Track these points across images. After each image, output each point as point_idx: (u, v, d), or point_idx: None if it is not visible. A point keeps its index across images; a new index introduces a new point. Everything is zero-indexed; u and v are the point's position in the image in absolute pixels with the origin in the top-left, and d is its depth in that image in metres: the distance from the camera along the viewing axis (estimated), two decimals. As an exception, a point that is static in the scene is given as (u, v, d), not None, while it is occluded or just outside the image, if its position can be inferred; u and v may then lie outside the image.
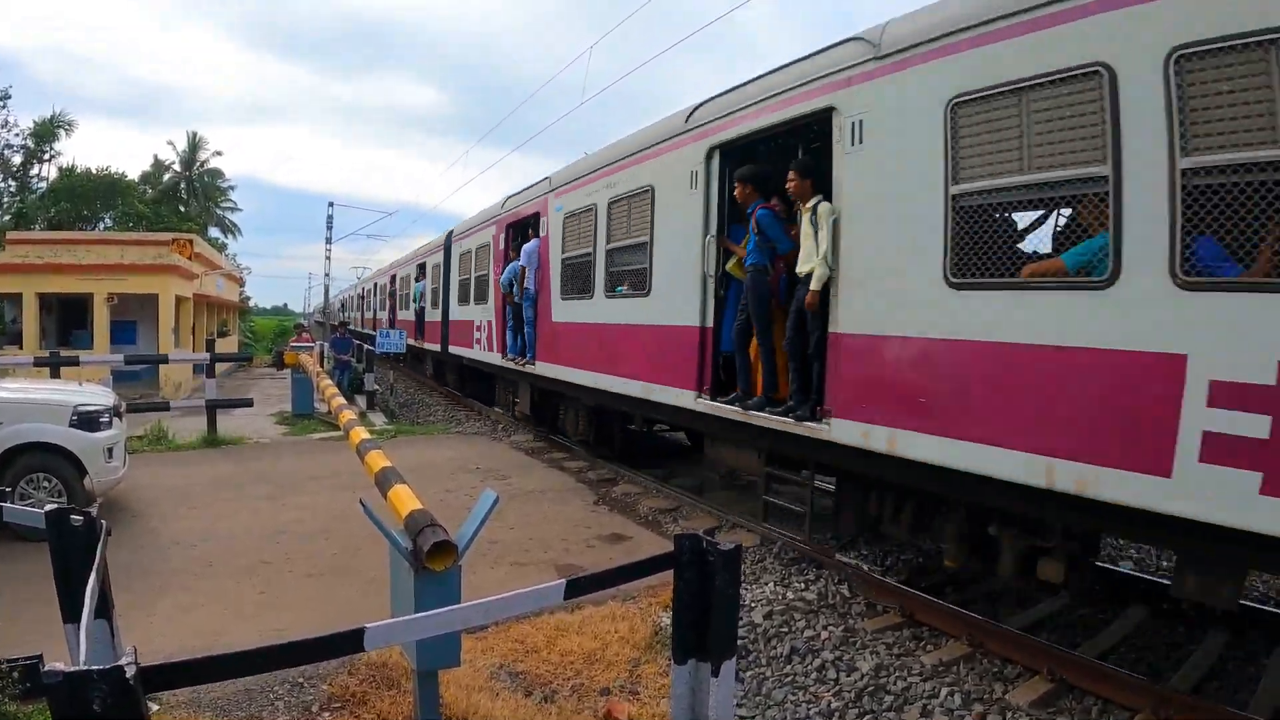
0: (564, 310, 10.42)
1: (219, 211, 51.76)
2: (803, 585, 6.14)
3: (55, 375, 10.72)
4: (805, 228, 5.78)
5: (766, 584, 6.15)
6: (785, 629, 5.31)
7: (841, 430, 5.49)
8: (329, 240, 33.58)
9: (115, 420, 7.37)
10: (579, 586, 2.85)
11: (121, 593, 3.97)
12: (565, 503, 8.49)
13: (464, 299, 16.13)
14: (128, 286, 18.42)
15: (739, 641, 4.84)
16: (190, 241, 22.10)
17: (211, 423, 11.99)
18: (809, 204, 5.79)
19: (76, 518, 3.10)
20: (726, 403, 6.83)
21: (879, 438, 5.16)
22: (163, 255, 19.40)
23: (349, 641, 2.27)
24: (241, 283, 40.01)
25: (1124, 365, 3.80)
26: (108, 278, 18.27)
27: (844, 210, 5.53)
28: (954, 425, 4.65)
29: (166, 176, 49.61)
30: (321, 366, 17.39)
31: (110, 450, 7.11)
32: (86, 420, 6.96)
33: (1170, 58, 3.60)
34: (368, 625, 2.28)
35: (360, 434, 4.92)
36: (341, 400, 6.60)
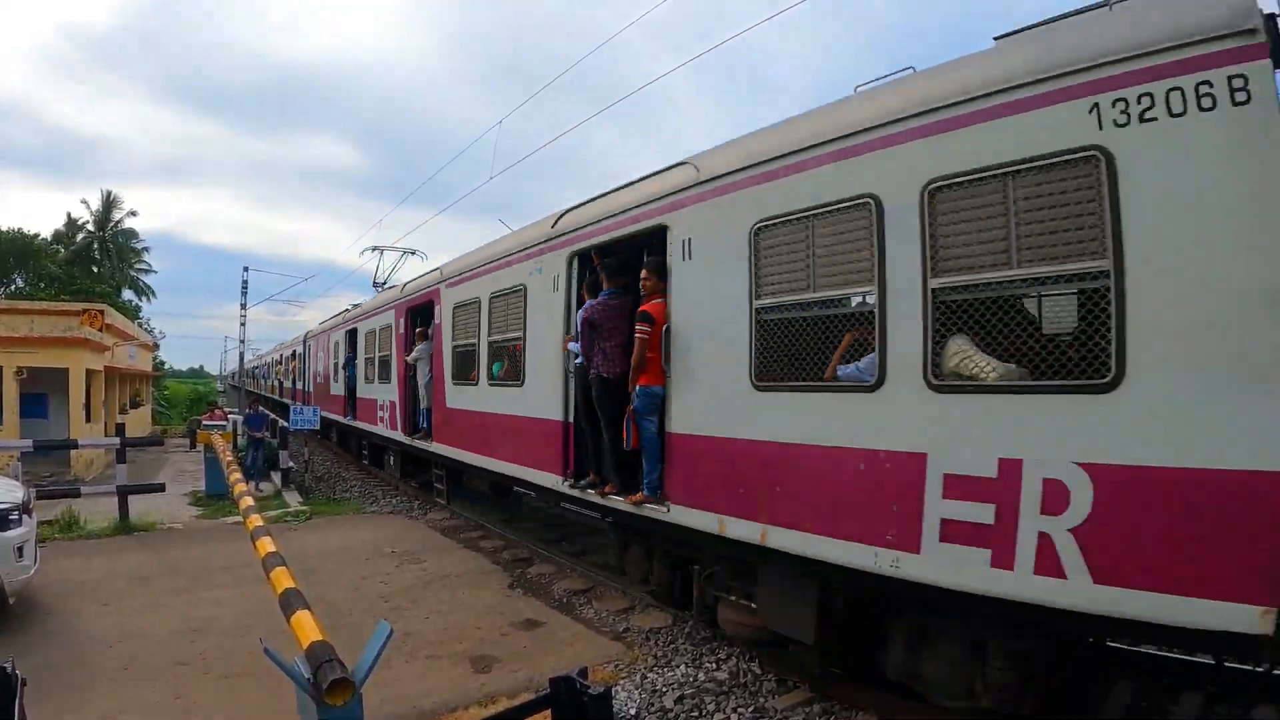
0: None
1: (132, 273, 50.58)
2: (714, 665, 6.41)
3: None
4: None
5: (678, 666, 6.38)
6: (696, 713, 5.54)
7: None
8: (244, 305, 33.22)
9: (25, 517, 7.32)
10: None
11: (42, 700, 4.18)
12: (481, 586, 8.74)
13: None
14: (37, 360, 18.06)
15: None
16: (101, 312, 21.76)
17: (124, 508, 11.90)
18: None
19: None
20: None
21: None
22: (73, 328, 19.04)
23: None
24: (155, 348, 39.07)
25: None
26: (16, 350, 17.88)
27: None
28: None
29: (80, 236, 48.42)
30: (236, 444, 17.31)
31: (20, 549, 7.07)
32: (-5, 518, 6.89)
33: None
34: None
35: (267, 545, 5.16)
36: (250, 502, 6.81)
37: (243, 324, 33.51)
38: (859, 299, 4.99)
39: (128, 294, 49.40)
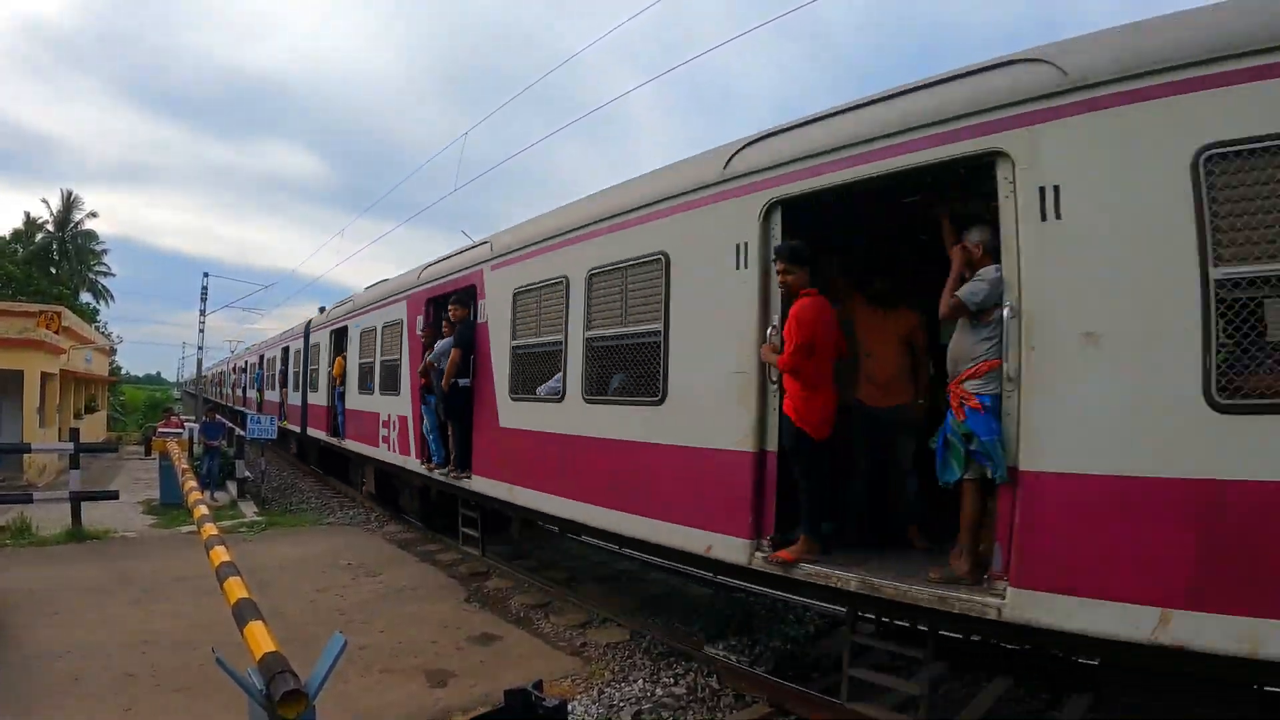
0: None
1: (91, 276, 49.73)
2: (672, 680, 6.46)
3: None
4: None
5: (635, 681, 6.41)
6: None
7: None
8: (203, 312, 32.78)
9: (-24, 527, 7.29)
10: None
11: None
12: (437, 600, 8.73)
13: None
14: (-11, 361, 17.72)
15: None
16: (58, 314, 21.38)
17: (76, 515, 11.70)
18: None
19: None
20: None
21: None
22: (28, 329, 18.69)
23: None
24: (112, 353, 38.36)
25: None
26: (-33, 351, 17.48)
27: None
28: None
29: (39, 236, 47.53)
30: (191, 452, 17.08)
31: (-30, 557, 7.03)
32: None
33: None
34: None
35: (220, 555, 5.13)
36: (205, 511, 6.76)
37: (201, 330, 33.02)
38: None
39: (86, 297, 48.57)
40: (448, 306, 10.06)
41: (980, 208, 4.98)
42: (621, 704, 5.96)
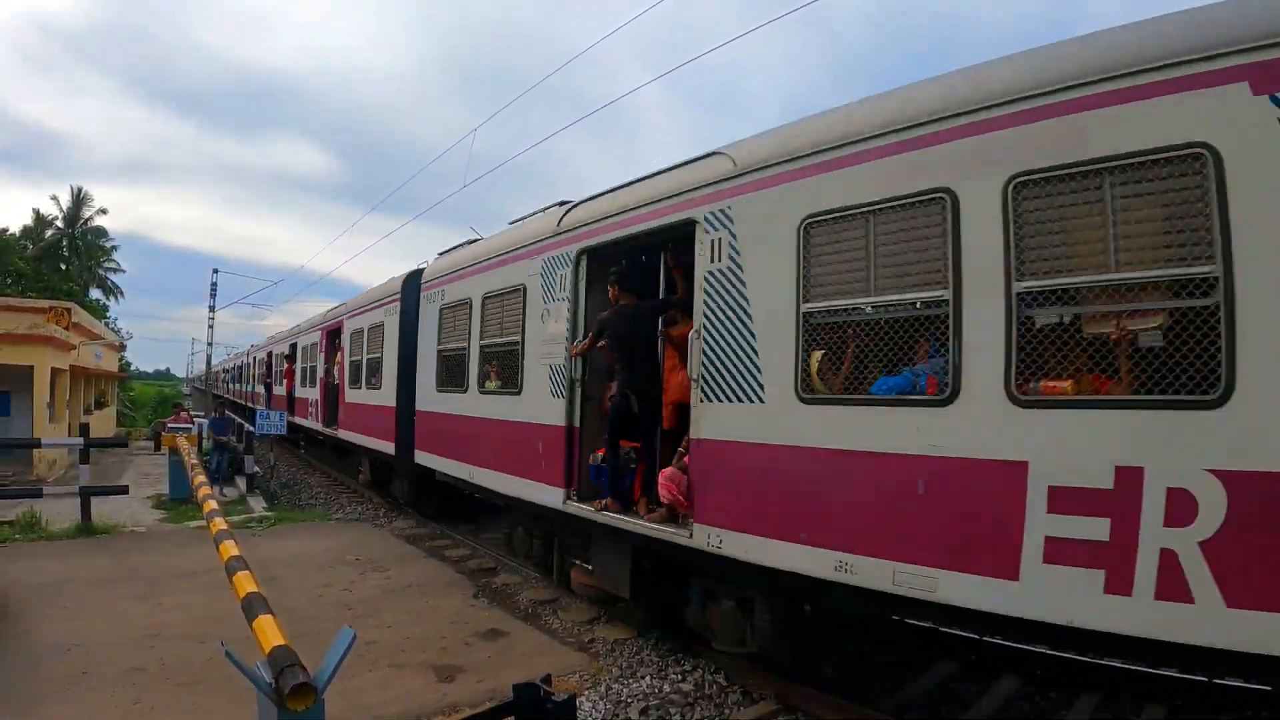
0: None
1: (101, 272, 49.94)
2: (679, 676, 6.47)
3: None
4: None
5: (643, 678, 6.42)
6: None
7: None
8: (212, 308, 32.87)
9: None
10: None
11: None
12: (445, 596, 8.71)
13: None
14: (1, 357, 17.74)
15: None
16: (68, 310, 21.47)
17: (85, 510, 11.74)
18: None
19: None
20: None
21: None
22: (38, 325, 18.78)
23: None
24: (121, 349, 38.51)
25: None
26: (-20, 346, 17.57)
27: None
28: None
29: (49, 233, 47.73)
30: (200, 448, 17.13)
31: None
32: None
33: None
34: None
35: (230, 549, 5.14)
36: (214, 506, 6.77)
37: (210, 326, 33.12)
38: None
39: (95, 293, 48.79)
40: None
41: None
42: (629, 700, 5.96)
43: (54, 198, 48.62)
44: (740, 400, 5.65)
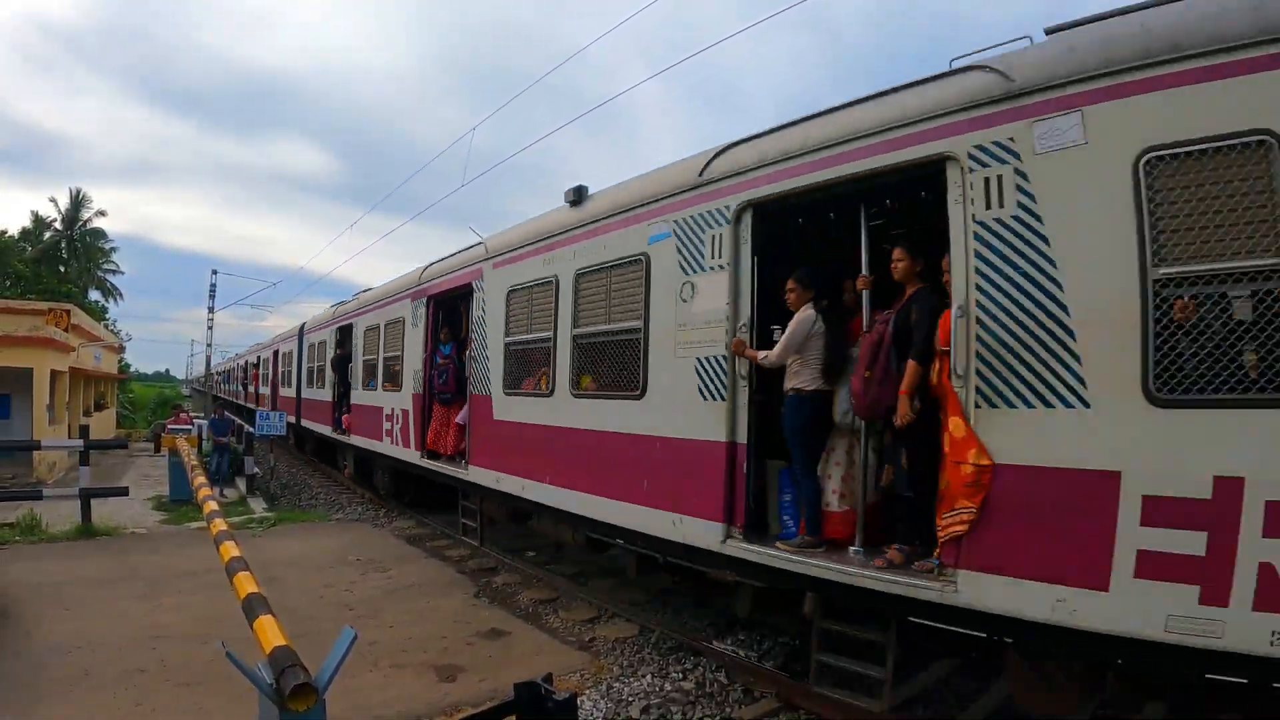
0: None
1: (100, 274, 49.90)
2: (680, 675, 6.46)
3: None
4: None
5: (644, 676, 6.42)
6: None
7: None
8: (211, 309, 32.86)
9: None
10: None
11: None
12: (446, 596, 8.72)
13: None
14: (1, 359, 17.77)
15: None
16: (67, 312, 21.46)
17: (86, 512, 11.74)
18: None
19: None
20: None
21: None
22: (38, 327, 18.77)
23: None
24: (121, 350, 38.50)
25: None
26: (-21, 348, 17.56)
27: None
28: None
29: (47, 235, 47.69)
30: (200, 448, 17.13)
31: (-20, 553, 7.06)
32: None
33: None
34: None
35: (230, 550, 5.14)
36: (214, 507, 6.77)
37: (210, 327, 33.10)
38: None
39: (94, 294, 48.76)
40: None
41: None
42: (630, 699, 5.96)
43: (53, 200, 48.64)
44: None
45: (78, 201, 48.60)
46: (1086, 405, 3.94)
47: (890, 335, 5.11)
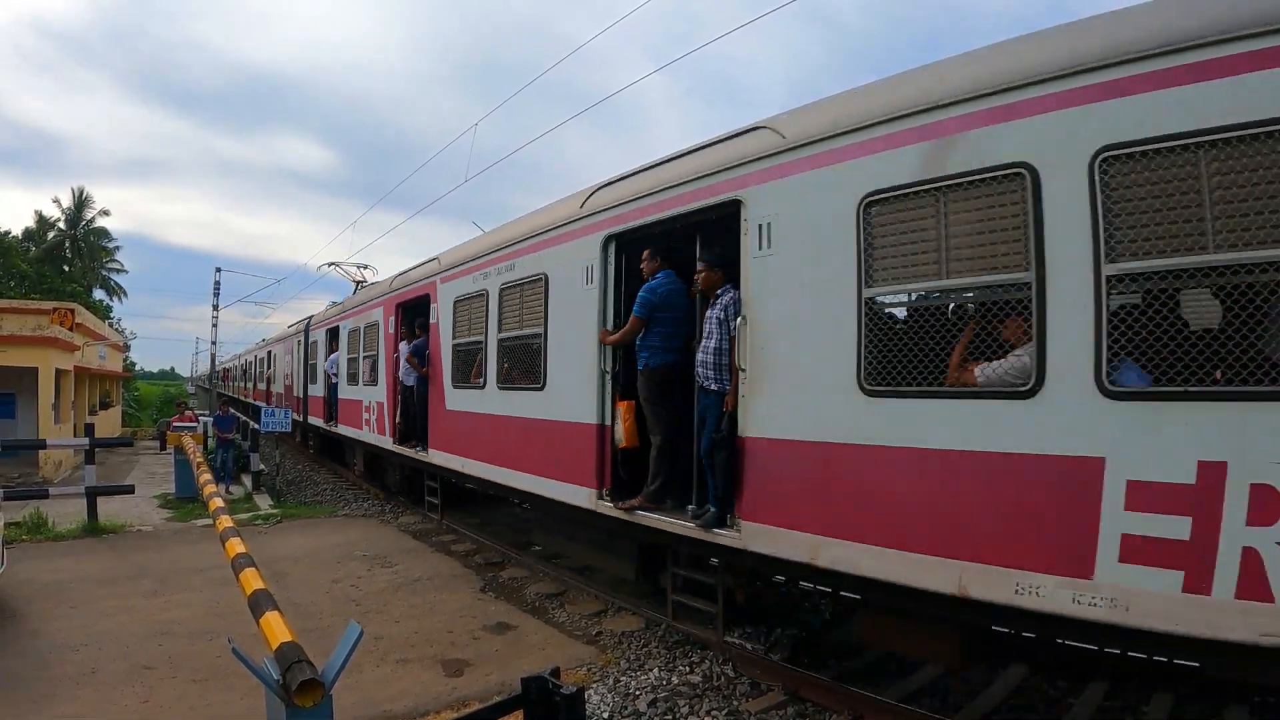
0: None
1: (104, 272, 50.02)
2: (687, 668, 6.43)
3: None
4: None
5: (651, 669, 6.39)
6: (670, 716, 5.55)
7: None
8: (216, 307, 32.84)
9: (-7, 520, 7.31)
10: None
11: (4, 706, 4.13)
12: (452, 590, 8.70)
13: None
14: (5, 359, 17.82)
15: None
16: (72, 311, 21.50)
17: (92, 510, 11.75)
18: None
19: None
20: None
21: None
22: (43, 326, 18.82)
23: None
24: (126, 349, 38.60)
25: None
26: (-16, 348, 17.62)
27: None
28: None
29: (51, 234, 47.80)
30: (205, 445, 17.15)
31: (-12, 551, 7.03)
32: (-37, 523, 6.90)
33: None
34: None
35: (236, 546, 5.14)
36: (220, 503, 6.78)
37: (214, 325, 33.09)
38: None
39: (99, 293, 48.86)
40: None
41: None
42: (637, 692, 5.93)
43: (56, 200, 48.75)
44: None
45: (80, 201, 48.73)
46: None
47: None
